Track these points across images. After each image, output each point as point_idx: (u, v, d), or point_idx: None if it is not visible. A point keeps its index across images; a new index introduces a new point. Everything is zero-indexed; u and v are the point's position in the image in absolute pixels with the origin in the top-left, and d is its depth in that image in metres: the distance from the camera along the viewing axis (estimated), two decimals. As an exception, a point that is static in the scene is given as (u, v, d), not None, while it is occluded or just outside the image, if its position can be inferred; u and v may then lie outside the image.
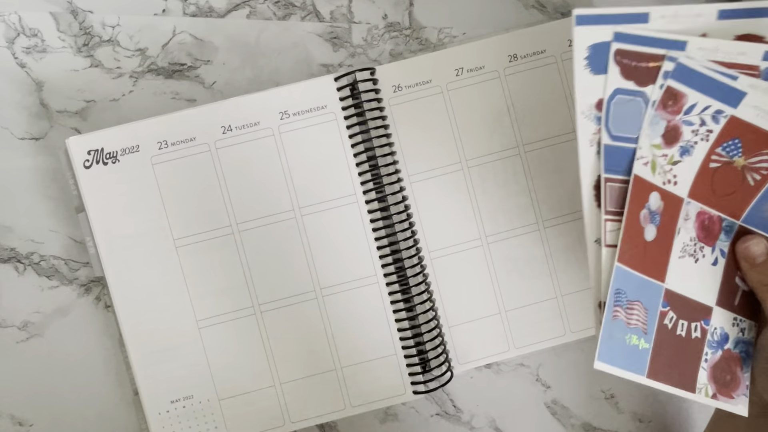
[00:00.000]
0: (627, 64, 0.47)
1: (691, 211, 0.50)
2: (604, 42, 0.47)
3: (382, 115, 0.61)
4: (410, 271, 0.61)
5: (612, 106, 0.48)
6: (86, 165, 0.59)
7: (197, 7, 0.63)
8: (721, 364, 0.52)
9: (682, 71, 0.47)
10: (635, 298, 0.48)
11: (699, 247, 0.51)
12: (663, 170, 0.49)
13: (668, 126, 0.48)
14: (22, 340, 0.61)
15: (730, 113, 0.48)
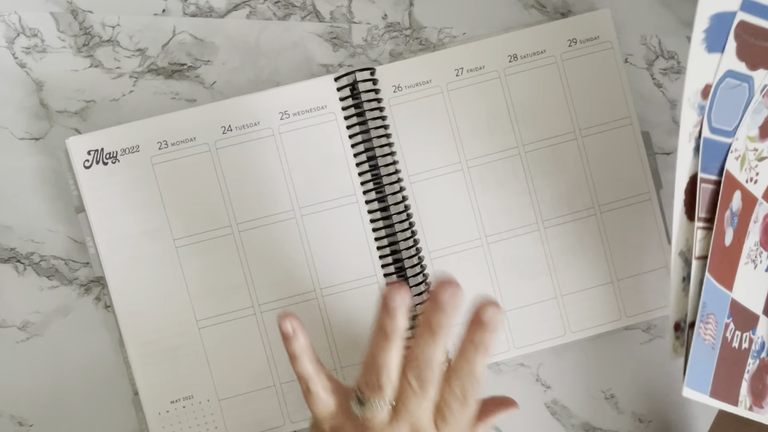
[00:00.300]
0: (746, 40, 0.41)
1: (760, 213, 0.46)
2: (728, 12, 0.40)
3: (382, 115, 0.61)
4: (410, 271, 0.60)
5: (719, 91, 0.42)
6: (86, 165, 0.59)
7: (197, 7, 0.62)
8: (757, 374, 0.48)
9: None
10: (711, 310, 0.44)
11: (759, 252, 0.47)
12: (750, 166, 0.45)
13: None
14: (22, 340, 0.61)
15: None
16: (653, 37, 0.65)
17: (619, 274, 0.63)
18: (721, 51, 0.41)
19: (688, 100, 0.42)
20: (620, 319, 0.63)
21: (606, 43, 0.63)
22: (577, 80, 0.62)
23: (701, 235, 0.43)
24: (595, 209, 0.63)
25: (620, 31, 0.63)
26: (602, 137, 0.63)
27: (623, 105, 0.63)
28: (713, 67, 0.41)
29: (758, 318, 0.47)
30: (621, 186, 0.63)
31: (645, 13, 0.65)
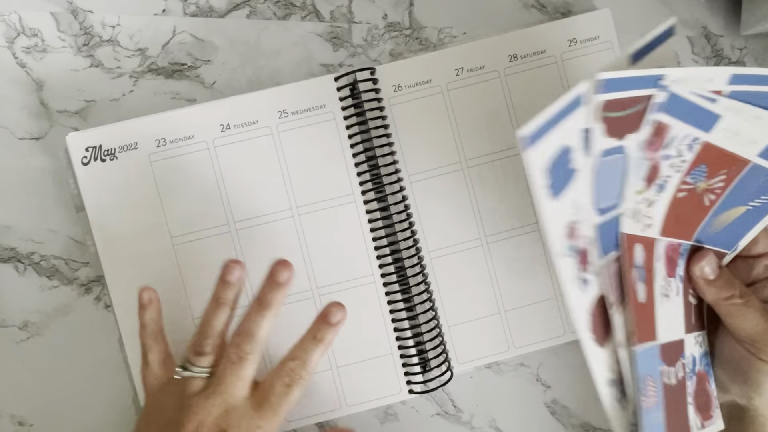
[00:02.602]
0: (612, 118, 0.40)
1: (660, 250, 0.46)
2: (557, 153, 0.38)
3: (382, 115, 0.60)
4: (410, 270, 0.59)
5: (599, 174, 0.41)
6: (84, 162, 0.57)
7: (197, 7, 0.61)
8: (698, 389, 0.48)
9: (675, 102, 0.41)
10: (646, 374, 0.43)
11: (668, 283, 0.46)
12: (642, 216, 0.44)
13: (651, 166, 0.43)
14: (22, 340, 0.60)
15: (704, 139, 0.43)
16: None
17: (618, 275, 0.61)
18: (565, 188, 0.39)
19: (558, 253, 0.39)
20: None
21: (606, 43, 0.61)
22: (577, 80, 0.60)
23: (618, 320, 0.42)
24: (595, 210, 0.61)
25: (620, 31, 0.62)
26: (602, 138, 0.61)
27: (623, 106, 0.61)
28: (565, 208, 0.39)
29: (683, 341, 0.47)
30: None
31: (645, 13, 0.64)
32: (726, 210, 0.47)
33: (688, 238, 0.48)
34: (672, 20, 0.46)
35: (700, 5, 0.64)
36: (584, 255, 0.40)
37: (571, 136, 0.38)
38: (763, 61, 0.64)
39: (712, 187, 0.46)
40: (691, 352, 0.48)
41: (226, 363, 0.50)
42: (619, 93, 0.39)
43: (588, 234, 0.41)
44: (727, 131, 0.43)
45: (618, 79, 0.38)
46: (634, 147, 0.41)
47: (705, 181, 0.45)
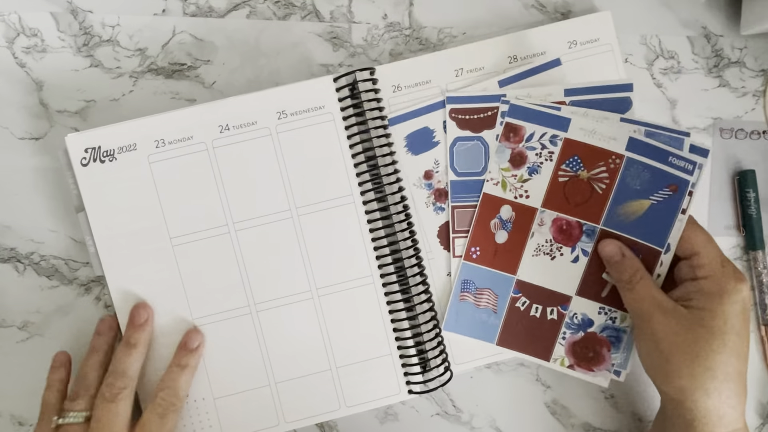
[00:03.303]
0: (462, 118, 0.59)
1: (546, 219, 0.59)
2: (417, 130, 0.60)
3: (382, 115, 0.59)
4: (409, 271, 0.59)
5: (455, 151, 0.59)
6: (83, 163, 0.57)
7: (197, 7, 0.61)
8: (583, 343, 0.60)
9: (516, 110, 0.58)
10: (484, 286, 0.59)
11: (556, 247, 0.59)
12: (513, 187, 0.59)
13: (513, 153, 0.59)
14: (22, 340, 0.60)
15: (563, 136, 0.58)
16: (653, 37, 0.63)
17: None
18: (427, 151, 0.60)
19: (414, 185, 0.60)
20: None
21: (606, 45, 0.61)
22: (577, 81, 0.60)
23: (459, 242, 0.60)
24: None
25: (620, 31, 0.61)
26: (601, 139, 0.62)
27: (623, 107, 0.62)
28: (424, 161, 0.60)
29: (570, 298, 0.59)
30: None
31: (645, 13, 0.63)
32: (626, 201, 0.57)
33: (594, 221, 0.58)
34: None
35: (700, 5, 0.63)
36: (440, 192, 0.60)
37: (435, 123, 0.60)
38: (763, 61, 0.64)
39: (597, 177, 0.57)
40: (583, 312, 0.59)
41: (100, 401, 0.53)
42: (462, 105, 0.59)
43: (445, 182, 0.60)
44: (583, 130, 0.57)
45: (462, 97, 0.59)
46: (491, 138, 0.59)
47: (585, 171, 0.58)
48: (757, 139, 0.64)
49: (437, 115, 0.60)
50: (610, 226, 0.57)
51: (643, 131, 0.56)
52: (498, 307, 0.59)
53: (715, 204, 0.64)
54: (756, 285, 0.63)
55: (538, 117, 0.58)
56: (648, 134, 0.56)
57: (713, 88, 0.64)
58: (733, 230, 0.64)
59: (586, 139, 0.57)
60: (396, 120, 0.60)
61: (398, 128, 0.60)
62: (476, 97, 0.59)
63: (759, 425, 0.63)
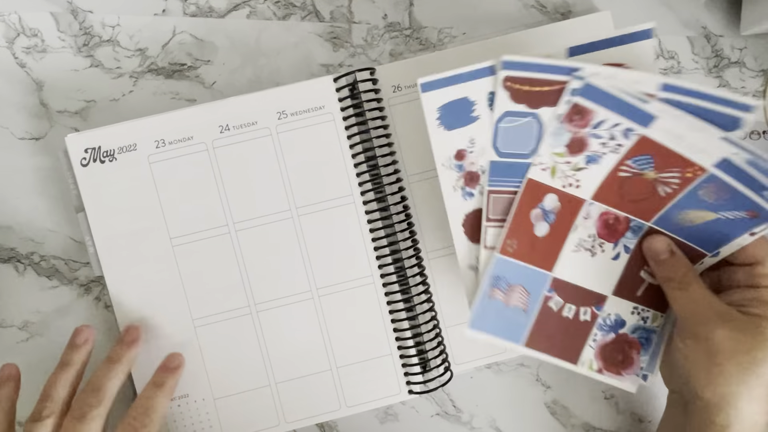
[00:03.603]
0: (518, 89, 0.50)
1: (593, 212, 0.53)
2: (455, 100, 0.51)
3: (382, 115, 0.59)
4: (409, 271, 0.59)
5: (501, 128, 0.51)
6: (83, 163, 0.57)
7: (197, 7, 0.61)
8: (613, 346, 0.55)
9: (590, 90, 0.48)
10: (517, 282, 0.54)
11: (598, 243, 0.54)
12: (564, 175, 0.52)
13: (573, 137, 0.50)
14: (22, 340, 0.60)
15: (641, 132, 0.49)
16: (653, 37, 0.63)
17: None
18: (461, 126, 0.52)
19: (443, 165, 0.53)
20: None
21: (606, 45, 0.60)
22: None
23: (493, 232, 0.53)
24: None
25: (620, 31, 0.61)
26: (601, 139, 0.61)
27: (623, 107, 0.61)
28: (457, 139, 0.52)
29: (605, 298, 0.55)
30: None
31: (645, 13, 0.63)
32: (690, 209, 0.50)
33: (644, 218, 0.53)
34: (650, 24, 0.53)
35: (700, 5, 0.63)
36: (472, 175, 0.53)
37: (477, 93, 0.51)
38: (763, 61, 0.64)
39: (665, 180, 0.50)
40: (617, 313, 0.55)
41: (70, 420, 0.51)
42: (523, 73, 0.49)
43: (481, 163, 0.53)
44: (668, 132, 0.48)
45: (522, 63, 0.49)
46: (549, 117, 0.50)
47: (654, 172, 0.50)
48: (757, 139, 0.64)
49: (482, 84, 0.50)
50: (661, 225, 0.53)
51: (745, 157, 0.46)
52: (529, 306, 0.54)
53: (715, 204, 0.63)
54: (756, 285, 0.63)
55: (616, 104, 0.48)
56: (751, 163, 0.46)
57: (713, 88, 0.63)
58: (733, 230, 0.63)
59: (668, 142, 0.48)
60: (431, 86, 0.50)
61: (431, 96, 0.51)
62: (542, 66, 0.48)
63: (759, 425, 0.63)
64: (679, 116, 0.47)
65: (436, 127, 0.52)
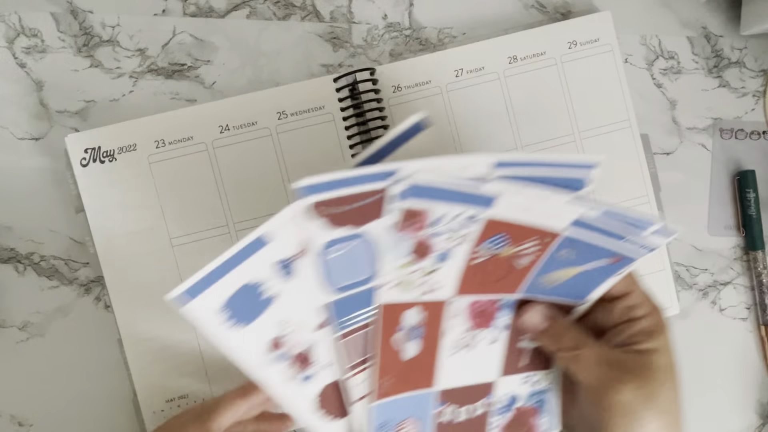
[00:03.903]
0: (334, 212, 0.42)
1: (459, 308, 0.48)
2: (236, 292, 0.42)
3: (382, 116, 0.59)
4: None
5: (328, 260, 0.44)
6: (83, 163, 0.57)
7: (197, 7, 0.61)
8: (514, 422, 0.52)
9: (418, 190, 0.42)
10: (404, 417, 0.48)
11: (474, 335, 0.49)
12: (417, 285, 0.46)
13: (415, 243, 0.44)
14: (22, 340, 0.59)
15: (486, 216, 0.44)
16: (653, 37, 0.63)
17: (617, 276, 0.60)
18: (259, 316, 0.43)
19: (262, 364, 0.44)
20: None
21: (606, 46, 0.61)
22: (576, 82, 0.61)
23: (360, 378, 0.47)
24: (594, 211, 0.60)
25: (620, 31, 0.61)
26: (601, 140, 0.61)
27: (622, 108, 0.61)
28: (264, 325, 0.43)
29: (492, 384, 0.50)
30: (619, 188, 0.61)
31: (645, 13, 0.63)
32: (553, 270, 0.48)
33: (510, 292, 0.49)
34: (419, 115, 0.45)
35: (700, 5, 0.63)
36: (301, 356, 0.45)
37: (256, 272, 0.42)
38: (763, 61, 0.64)
39: (523, 253, 0.46)
40: (506, 392, 0.51)
41: None
42: (332, 193, 0.40)
43: (306, 339, 0.45)
44: (515, 208, 0.44)
45: (327, 182, 0.40)
46: (379, 231, 0.43)
47: (511, 247, 0.46)
48: (757, 139, 0.64)
49: (257, 261, 0.42)
50: (528, 293, 0.49)
51: (598, 213, 0.44)
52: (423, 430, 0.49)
53: (715, 204, 0.63)
54: (756, 285, 0.63)
55: (450, 195, 0.42)
56: (606, 214, 0.44)
57: (713, 88, 0.63)
58: (733, 230, 0.64)
59: (517, 216, 0.44)
60: (195, 290, 0.40)
61: (203, 300, 0.40)
62: (352, 178, 0.40)
63: (759, 425, 0.63)
64: (520, 190, 0.43)
65: (231, 329, 0.42)
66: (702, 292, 0.63)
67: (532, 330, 0.49)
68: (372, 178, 0.41)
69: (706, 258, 0.63)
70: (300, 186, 0.39)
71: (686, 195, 0.63)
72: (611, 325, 0.49)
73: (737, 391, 0.63)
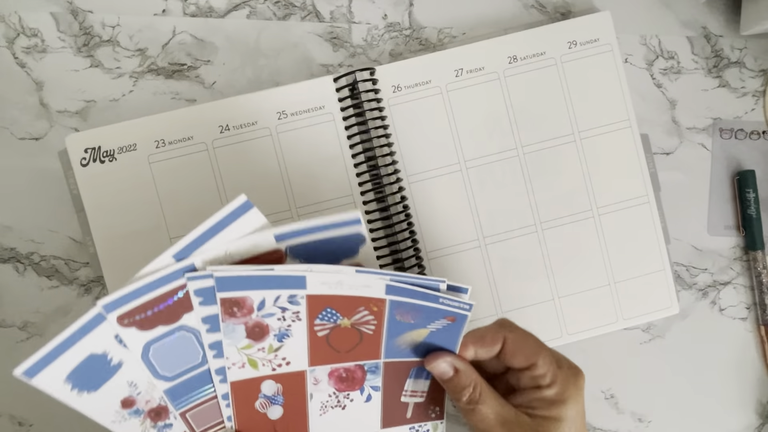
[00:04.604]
0: (141, 319, 0.43)
1: (320, 375, 0.49)
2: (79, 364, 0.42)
3: (382, 116, 0.59)
4: (410, 271, 0.58)
5: (151, 359, 0.44)
6: (83, 163, 0.57)
7: (197, 7, 0.61)
8: None
9: (227, 282, 0.42)
10: None
11: (343, 396, 0.50)
12: (266, 360, 0.47)
13: (248, 327, 0.45)
14: (22, 340, 0.59)
15: (304, 294, 0.44)
16: (653, 37, 0.63)
17: (616, 277, 0.61)
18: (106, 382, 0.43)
19: (113, 422, 0.45)
20: (617, 322, 0.61)
21: (606, 46, 0.61)
22: (576, 82, 0.60)
23: None
24: (593, 211, 0.61)
25: (620, 31, 0.61)
26: (601, 140, 0.61)
27: (622, 108, 0.61)
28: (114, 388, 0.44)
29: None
30: (619, 188, 0.61)
31: (645, 13, 0.63)
32: (402, 333, 0.48)
33: (374, 358, 0.49)
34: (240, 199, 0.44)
35: (700, 5, 0.63)
36: (158, 410, 0.46)
37: (102, 343, 0.43)
38: (763, 61, 0.64)
39: (362, 321, 0.47)
40: None
41: None
42: (132, 304, 0.42)
43: (157, 396, 0.46)
44: (325, 284, 0.44)
45: (124, 296, 0.42)
46: (199, 321, 0.44)
47: (345, 319, 0.46)
48: (757, 139, 0.64)
49: (101, 333, 0.43)
50: (392, 357, 0.50)
51: (403, 278, 0.45)
52: None
53: (715, 204, 0.63)
54: (756, 285, 0.63)
55: (261, 282, 0.43)
56: (405, 280, 0.45)
57: (713, 88, 0.63)
58: (733, 230, 0.64)
59: (334, 291, 0.45)
60: (38, 366, 0.42)
61: (46, 376, 0.42)
62: (148, 285, 0.42)
63: (759, 425, 0.63)
64: (313, 268, 0.43)
65: (77, 397, 0.43)
66: (702, 292, 0.63)
67: (440, 377, 0.50)
68: (170, 277, 0.42)
69: (706, 258, 0.63)
70: (104, 304, 0.42)
71: (686, 195, 0.63)
72: (519, 388, 0.50)
73: (737, 391, 0.63)
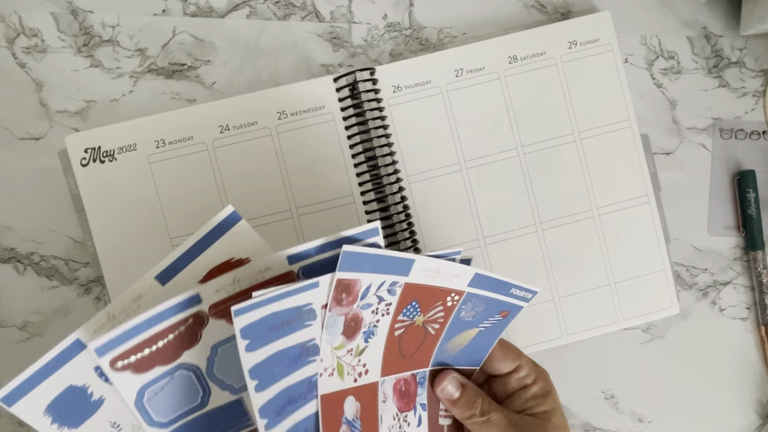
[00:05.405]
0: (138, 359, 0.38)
1: (387, 389, 0.46)
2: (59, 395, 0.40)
3: (382, 116, 0.59)
4: None
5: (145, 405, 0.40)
6: (83, 163, 0.57)
7: (197, 7, 0.60)
8: None
9: (350, 259, 0.40)
10: None
11: (402, 419, 0.47)
12: (351, 367, 0.43)
13: (347, 320, 0.42)
14: (22, 340, 0.59)
15: (403, 281, 0.43)
16: (653, 37, 0.63)
17: (616, 277, 0.61)
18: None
19: None
20: (617, 322, 0.61)
21: (606, 46, 0.61)
22: (576, 82, 0.61)
23: None
24: (593, 211, 0.61)
25: (620, 31, 0.61)
26: (601, 139, 0.61)
27: (622, 107, 0.61)
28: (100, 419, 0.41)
29: None
30: (619, 188, 0.61)
31: (645, 13, 0.63)
32: (457, 334, 0.49)
33: (425, 365, 0.49)
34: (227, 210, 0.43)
35: (700, 5, 0.63)
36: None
37: (81, 374, 0.40)
38: (763, 61, 0.64)
39: (432, 319, 0.47)
40: None
41: None
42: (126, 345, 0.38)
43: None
44: (427, 271, 0.44)
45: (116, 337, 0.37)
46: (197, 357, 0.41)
47: (422, 315, 0.46)
48: (757, 139, 0.64)
49: (80, 363, 0.41)
50: (437, 363, 0.50)
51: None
52: None
53: (715, 204, 0.63)
54: (756, 285, 0.63)
55: (378, 263, 0.41)
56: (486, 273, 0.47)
57: (713, 88, 0.63)
58: (733, 230, 0.64)
59: (427, 280, 0.44)
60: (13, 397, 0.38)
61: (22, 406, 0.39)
62: (145, 323, 0.38)
63: (759, 425, 0.63)
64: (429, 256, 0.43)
65: (59, 429, 0.40)
66: (702, 292, 0.63)
67: (448, 399, 0.51)
68: (169, 313, 0.39)
69: (706, 258, 0.63)
70: (94, 348, 0.37)
71: (686, 195, 0.63)
72: (508, 394, 0.52)
73: (737, 391, 0.63)
